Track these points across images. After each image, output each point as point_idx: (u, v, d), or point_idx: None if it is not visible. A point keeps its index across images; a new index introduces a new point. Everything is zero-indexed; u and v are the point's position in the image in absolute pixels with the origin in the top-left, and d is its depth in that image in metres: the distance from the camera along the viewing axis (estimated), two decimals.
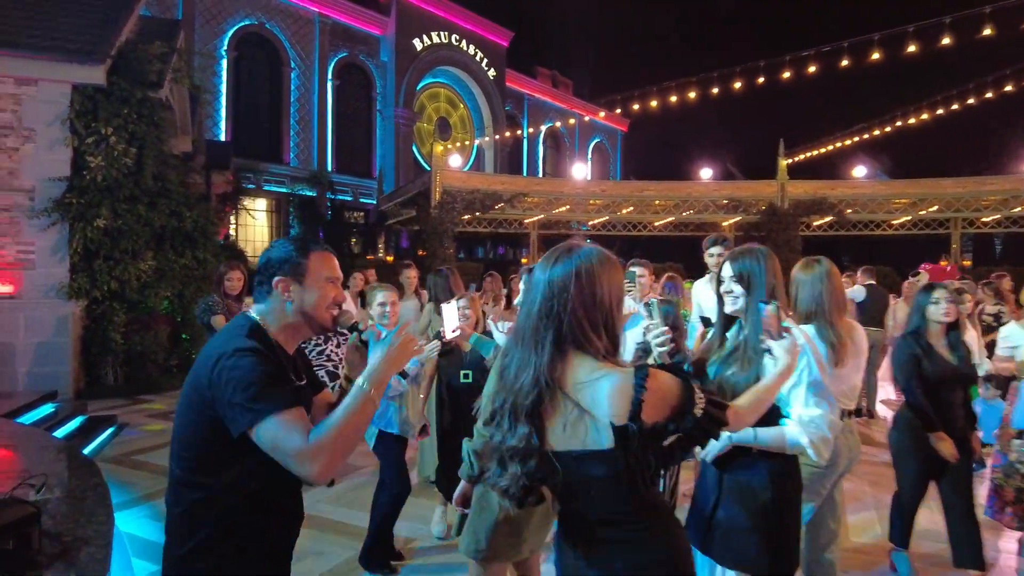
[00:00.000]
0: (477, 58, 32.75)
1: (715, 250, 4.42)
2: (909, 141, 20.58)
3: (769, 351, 2.05)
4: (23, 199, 8.14)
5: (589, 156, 42.65)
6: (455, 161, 23.20)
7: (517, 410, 1.46)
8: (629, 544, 1.45)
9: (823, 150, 17.56)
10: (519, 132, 34.02)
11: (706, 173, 21.40)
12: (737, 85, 15.12)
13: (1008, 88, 14.57)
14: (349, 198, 27.02)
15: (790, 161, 17.21)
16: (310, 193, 24.81)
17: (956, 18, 12.42)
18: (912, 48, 12.79)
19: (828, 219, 17.68)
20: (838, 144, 17.23)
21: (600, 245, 1.59)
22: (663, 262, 24.37)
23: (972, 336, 5.22)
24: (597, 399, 1.37)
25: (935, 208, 16.90)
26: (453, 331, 3.19)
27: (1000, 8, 11.83)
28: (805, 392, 2.16)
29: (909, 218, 17.53)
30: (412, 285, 6.58)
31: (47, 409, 6.77)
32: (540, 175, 37.99)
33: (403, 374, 3.62)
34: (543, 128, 37.49)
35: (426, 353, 3.46)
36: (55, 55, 8.22)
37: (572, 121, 30.75)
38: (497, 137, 29.84)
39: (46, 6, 8.97)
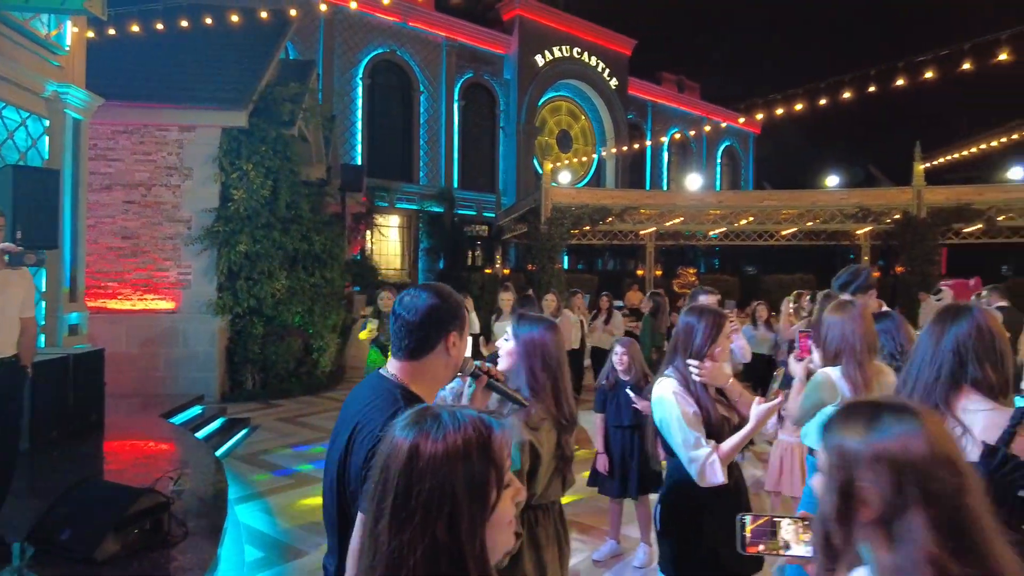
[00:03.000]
0: (599, 69, 32.89)
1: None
2: None
3: None
4: (183, 228, 9.57)
5: (718, 161, 41.21)
6: (565, 177, 23.51)
7: None
8: None
9: (967, 152, 15.92)
10: (643, 141, 33.71)
11: (832, 180, 20.13)
12: (872, 88, 14.18)
13: None
14: (473, 212, 28.20)
15: (929, 165, 15.81)
16: (438, 209, 26.22)
17: None
18: None
19: (978, 226, 16.05)
20: (983, 146, 15.54)
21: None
22: (792, 272, 23.26)
23: None
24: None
25: None
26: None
27: None
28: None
29: None
30: (508, 306, 7.00)
31: (195, 411, 7.94)
32: (664, 183, 37.34)
33: None
34: (668, 135, 36.85)
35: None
36: (210, 104, 9.61)
37: (707, 129, 29.97)
38: (614, 150, 29.78)
39: (210, 59, 10.49)
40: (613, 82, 33.45)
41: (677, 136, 35.73)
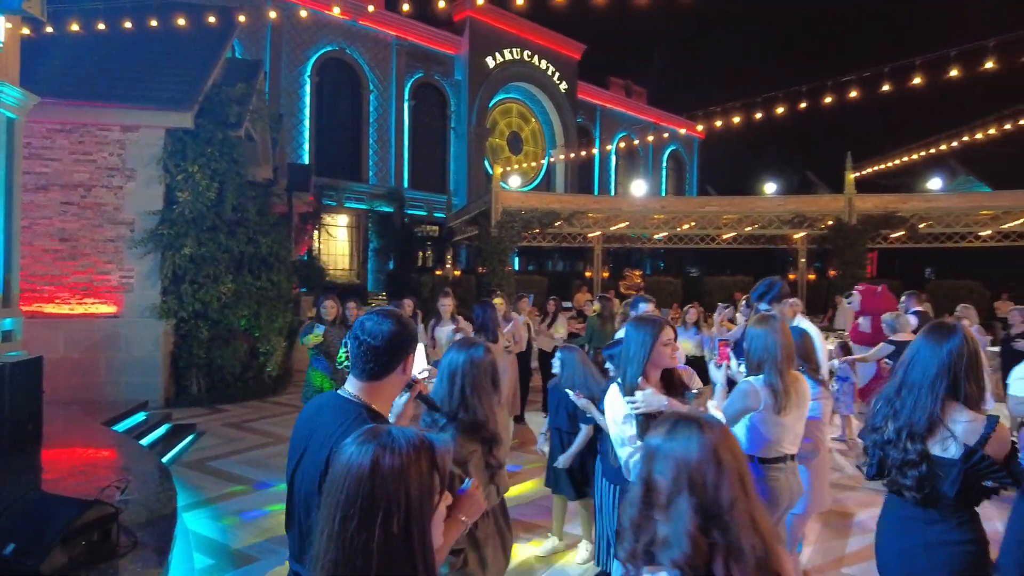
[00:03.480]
0: (549, 72, 33.30)
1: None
2: (991, 151, 19.48)
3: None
4: (125, 231, 9.36)
5: (664, 165, 42.23)
6: (515, 180, 23.78)
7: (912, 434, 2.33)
8: None
9: (895, 162, 16.89)
10: (592, 146, 34.28)
11: (771, 187, 21.03)
12: (803, 105, 14.89)
13: None
14: (423, 212, 28.19)
15: (859, 174, 16.70)
16: (387, 209, 26.11)
17: None
18: (990, 64, 12.34)
19: (902, 233, 17.02)
20: (913, 156, 16.55)
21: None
22: (733, 274, 24.11)
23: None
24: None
25: (1020, 222, 15.96)
26: (420, 372, 3.47)
27: None
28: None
29: (991, 232, 16.62)
30: (448, 312, 7.12)
31: (139, 417, 7.81)
32: (612, 185, 38.06)
33: None
34: (616, 138, 37.55)
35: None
36: (153, 104, 9.41)
37: (651, 138, 30.65)
38: (562, 157, 30.21)
39: (155, 59, 10.26)
40: (563, 86, 33.93)
41: (624, 142, 36.54)
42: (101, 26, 9.70)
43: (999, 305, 12.99)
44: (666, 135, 36.06)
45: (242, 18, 11.88)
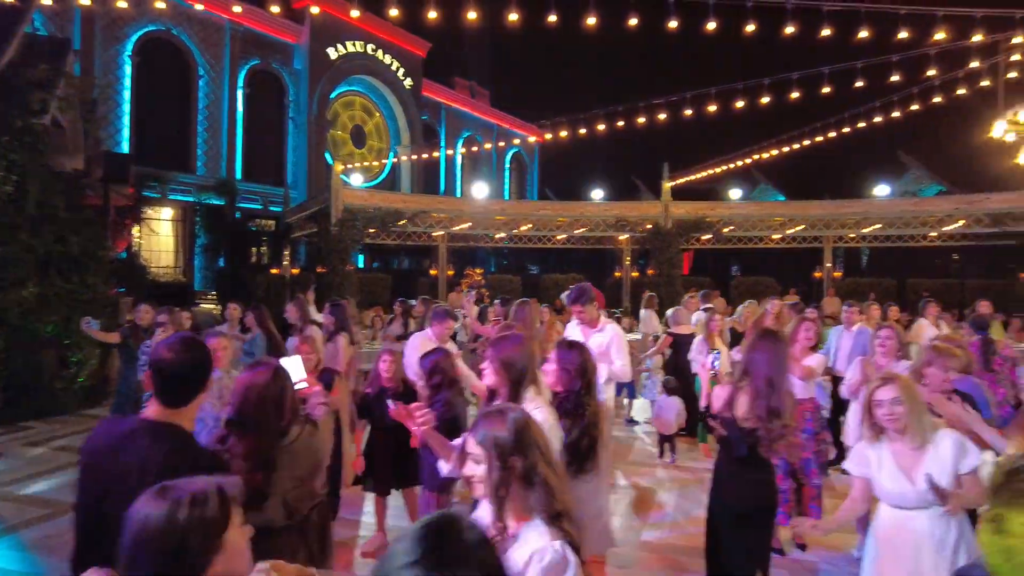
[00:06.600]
0: (393, 68, 33.07)
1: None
2: (793, 166, 22.60)
3: None
4: None
5: (507, 167, 43.60)
6: (357, 179, 23.51)
7: None
8: None
9: (706, 173, 19.08)
10: (438, 145, 34.59)
11: (599, 193, 22.77)
12: (627, 119, 16.39)
13: (861, 125, 16.53)
14: (259, 206, 26.87)
15: (674, 184, 18.64)
16: (218, 201, 24.54)
17: (833, 70, 14.33)
18: (795, 94, 14.48)
19: (710, 236, 19.18)
20: (724, 168, 18.79)
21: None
22: (567, 272, 25.66)
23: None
24: None
25: (802, 227, 18.64)
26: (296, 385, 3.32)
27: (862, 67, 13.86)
28: None
29: (782, 235, 19.23)
30: (235, 320, 7.10)
31: None
32: (458, 183, 38.64)
33: None
34: (461, 138, 38.18)
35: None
36: None
37: (489, 145, 31.55)
38: (405, 158, 30.27)
39: None
40: (408, 82, 33.85)
41: (469, 142, 37.26)
42: None
43: (786, 298, 15.18)
44: (515, 141, 37.28)
45: None
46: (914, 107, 15.50)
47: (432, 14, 12.51)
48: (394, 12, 12.29)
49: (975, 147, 11.56)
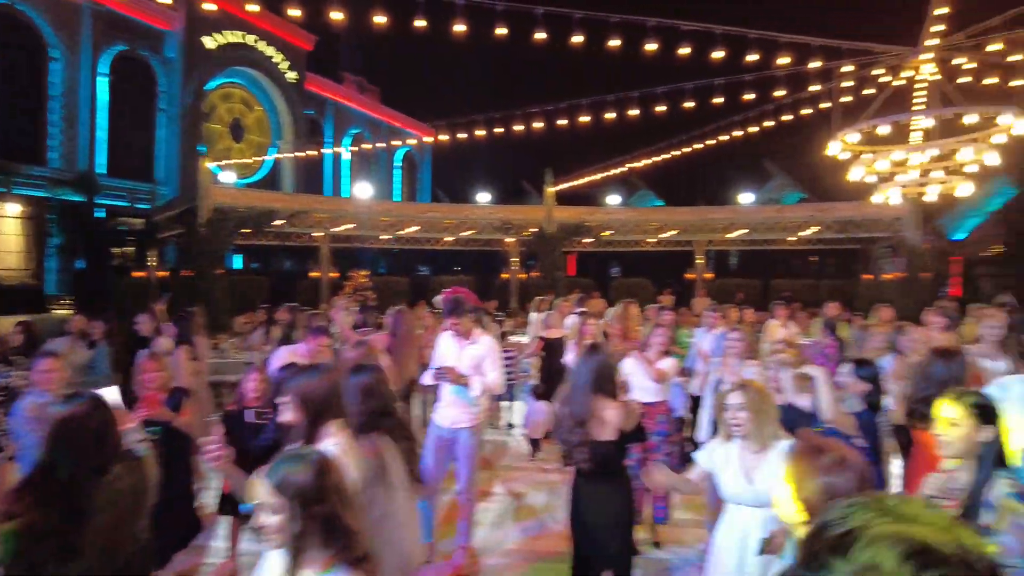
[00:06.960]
0: (275, 60, 31.78)
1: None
2: (668, 173, 23.83)
3: None
4: None
5: (398, 166, 42.99)
6: (230, 177, 22.39)
7: None
8: None
9: (588, 179, 19.76)
10: (323, 141, 33.57)
11: (485, 196, 23.02)
12: (510, 126, 16.68)
13: (724, 137, 17.75)
14: (124, 203, 24.99)
15: (559, 188, 19.16)
16: (76, 198, 22.56)
17: (697, 86, 15.17)
18: (662, 108, 15.21)
19: (591, 240, 19.87)
20: (605, 174, 19.53)
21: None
22: (455, 275, 25.71)
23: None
24: None
25: (675, 232, 19.71)
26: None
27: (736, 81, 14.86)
28: None
29: (656, 240, 20.24)
30: (78, 333, 6.72)
31: None
32: (346, 181, 37.66)
33: None
34: (348, 134, 37.28)
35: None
36: None
37: (384, 144, 30.94)
38: (289, 155, 29.19)
39: None
40: (291, 75, 32.67)
41: (357, 140, 36.43)
42: None
43: (661, 299, 15.96)
44: (409, 141, 36.78)
45: None
46: (768, 123, 16.77)
47: (318, 4, 12.19)
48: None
49: (825, 160, 12.70)
